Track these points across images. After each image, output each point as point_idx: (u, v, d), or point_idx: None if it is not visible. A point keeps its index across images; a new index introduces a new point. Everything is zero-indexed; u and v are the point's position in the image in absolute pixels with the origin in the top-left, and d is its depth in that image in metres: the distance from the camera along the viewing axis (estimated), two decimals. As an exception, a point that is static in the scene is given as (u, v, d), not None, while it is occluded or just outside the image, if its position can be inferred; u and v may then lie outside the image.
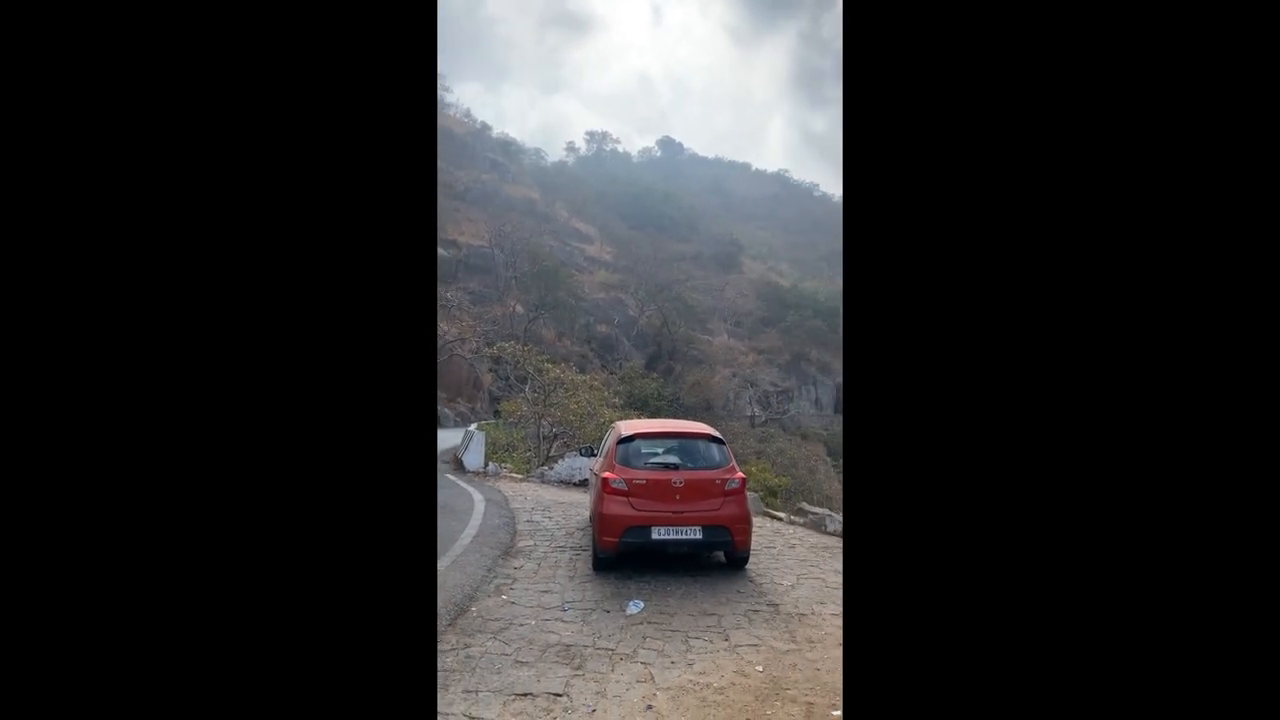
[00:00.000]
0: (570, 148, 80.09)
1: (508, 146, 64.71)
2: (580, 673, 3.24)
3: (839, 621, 4.12)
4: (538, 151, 69.80)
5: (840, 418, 34.34)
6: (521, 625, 3.85)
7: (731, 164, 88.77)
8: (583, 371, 18.31)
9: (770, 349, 39.37)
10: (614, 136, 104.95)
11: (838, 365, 38.79)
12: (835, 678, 3.20)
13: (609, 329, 36.92)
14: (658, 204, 59.08)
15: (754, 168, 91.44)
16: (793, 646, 3.66)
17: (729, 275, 48.93)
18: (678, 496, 4.94)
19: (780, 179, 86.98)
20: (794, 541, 6.64)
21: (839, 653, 3.57)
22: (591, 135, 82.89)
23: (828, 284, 50.91)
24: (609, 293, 40.33)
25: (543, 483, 11.05)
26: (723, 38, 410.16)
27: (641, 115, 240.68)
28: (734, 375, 34.75)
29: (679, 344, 34.55)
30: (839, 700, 2.92)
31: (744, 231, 60.25)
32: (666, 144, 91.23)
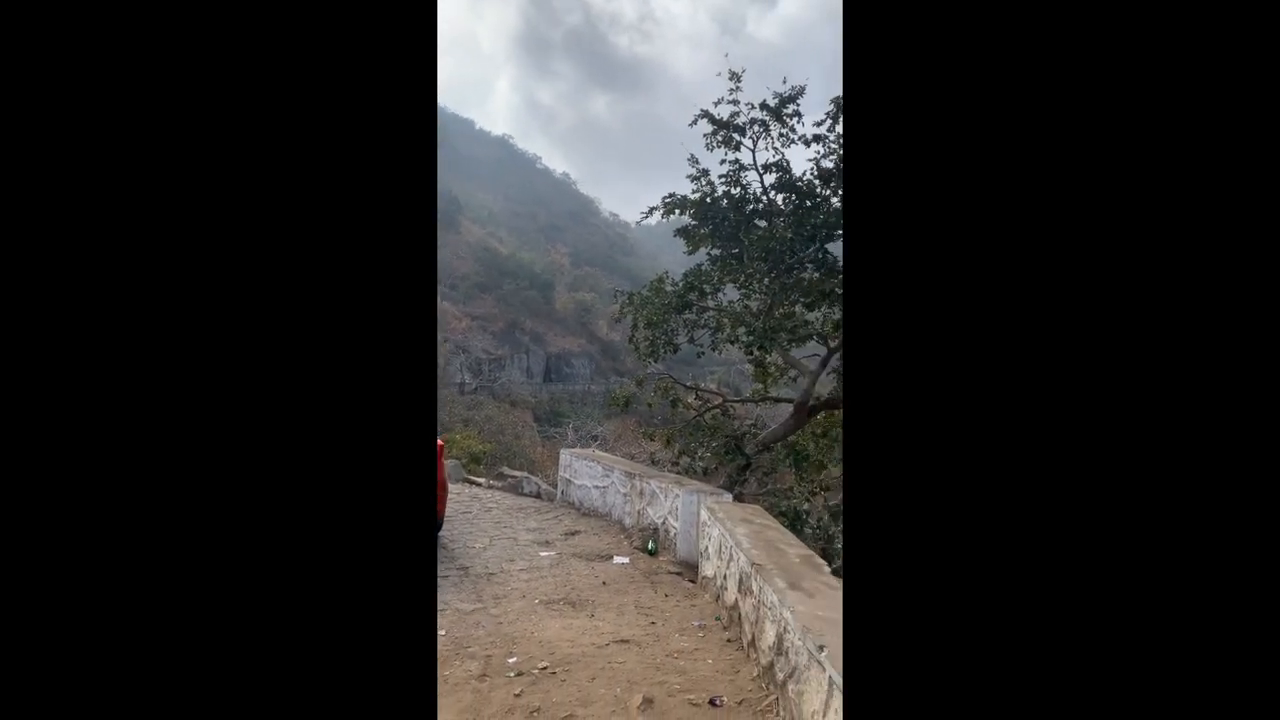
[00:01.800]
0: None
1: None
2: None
3: (526, 576, 4.38)
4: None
5: (547, 386, 36.11)
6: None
7: (455, 117, 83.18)
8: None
9: (486, 316, 38.92)
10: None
11: (550, 335, 40.57)
12: (515, 629, 3.40)
13: (298, 279, 31.59)
14: (367, 144, 52.26)
15: (478, 126, 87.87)
16: (478, 605, 3.76)
17: (447, 234, 46.42)
18: (365, 467, 4.57)
19: (504, 144, 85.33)
20: (491, 505, 6.79)
21: (522, 604, 3.81)
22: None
23: (545, 256, 52.43)
24: (300, 237, 34.44)
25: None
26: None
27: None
28: (446, 340, 33.40)
29: (385, 303, 31.52)
30: (515, 649, 3.12)
31: (465, 191, 57.54)
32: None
